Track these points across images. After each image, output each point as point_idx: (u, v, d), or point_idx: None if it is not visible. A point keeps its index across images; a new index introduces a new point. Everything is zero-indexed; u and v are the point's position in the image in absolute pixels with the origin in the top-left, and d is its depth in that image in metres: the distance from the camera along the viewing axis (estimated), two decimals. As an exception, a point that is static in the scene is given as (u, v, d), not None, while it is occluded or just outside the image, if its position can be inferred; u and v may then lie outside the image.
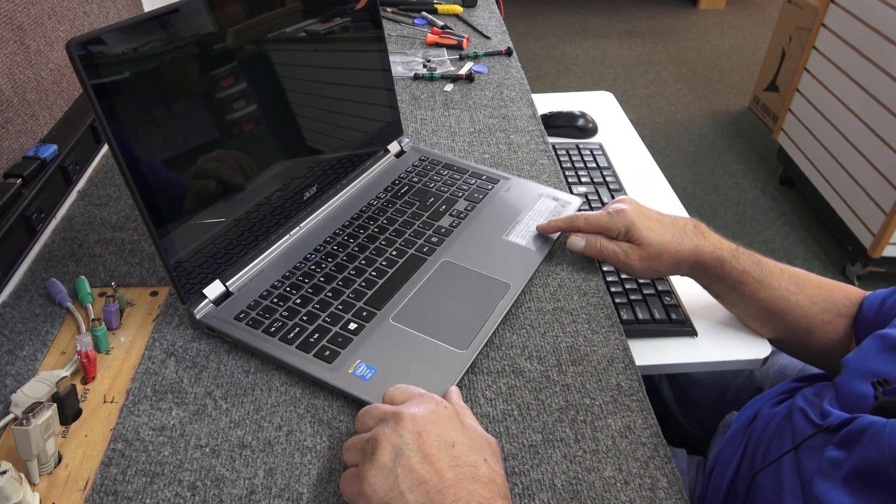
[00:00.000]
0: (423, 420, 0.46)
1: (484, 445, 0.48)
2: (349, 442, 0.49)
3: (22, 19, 0.68)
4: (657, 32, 3.53)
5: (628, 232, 0.68)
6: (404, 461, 0.44)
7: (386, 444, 0.45)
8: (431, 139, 0.92)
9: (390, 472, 0.44)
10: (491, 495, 0.44)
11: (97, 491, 0.49)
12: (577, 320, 0.64)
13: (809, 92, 2.12)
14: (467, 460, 0.45)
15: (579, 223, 0.71)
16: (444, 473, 0.44)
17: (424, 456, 0.44)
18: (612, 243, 0.69)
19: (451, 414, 0.48)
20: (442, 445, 0.45)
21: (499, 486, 0.45)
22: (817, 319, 0.71)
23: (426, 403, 0.48)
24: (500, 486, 0.45)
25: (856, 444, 0.51)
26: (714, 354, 0.77)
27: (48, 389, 0.53)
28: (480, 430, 0.49)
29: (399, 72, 1.09)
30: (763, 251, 0.72)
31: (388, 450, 0.45)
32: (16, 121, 0.68)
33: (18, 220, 0.66)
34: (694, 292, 0.85)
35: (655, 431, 0.54)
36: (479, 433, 0.49)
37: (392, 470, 0.44)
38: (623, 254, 0.68)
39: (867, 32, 1.82)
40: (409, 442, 0.45)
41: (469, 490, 0.43)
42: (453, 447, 0.45)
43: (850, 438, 0.53)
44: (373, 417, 0.49)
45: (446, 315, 0.61)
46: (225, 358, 0.59)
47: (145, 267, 0.69)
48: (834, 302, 0.71)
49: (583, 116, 1.16)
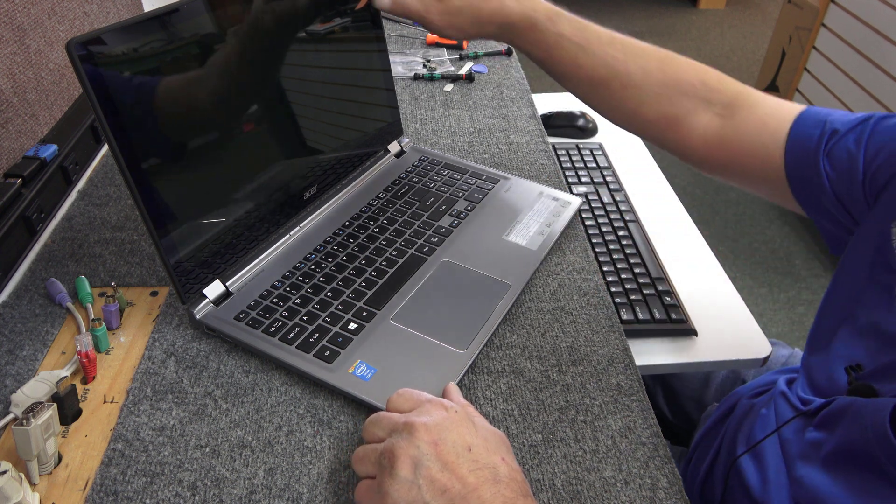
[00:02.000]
0: (437, 428, 0.46)
1: (499, 444, 0.47)
2: (360, 453, 0.48)
3: (22, 19, 0.68)
4: (657, 32, 3.53)
5: None
6: (425, 472, 0.43)
7: (404, 457, 0.44)
8: (431, 139, 0.92)
9: (412, 484, 0.43)
10: (514, 495, 0.43)
11: (97, 491, 0.49)
12: (577, 320, 0.64)
13: (809, 92, 2.12)
14: (486, 462, 0.45)
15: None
16: (466, 479, 0.43)
17: (444, 464, 0.44)
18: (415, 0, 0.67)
19: (462, 418, 0.48)
20: (459, 451, 0.45)
21: (519, 483, 0.45)
22: (650, 92, 0.65)
23: (436, 410, 0.48)
24: (520, 484, 0.45)
25: (836, 424, 0.51)
26: (714, 354, 0.77)
27: (48, 389, 0.53)
28: (490, 426, 0.49)
29: (399, 72, 1.09)
30: (763, 250, 0.72)
31: (406, 462, 0.44)
32: (16, 121, 0.68)
33: (18, 220, 0.66)
34: (694, 292, 0.85)
35: (655, 431, 0.54)
36: (491, 431, 0.48)
37: (414, 482, 0.43)
38: (424, 8, 0.66)
39: (867, 32, 1.82)
40: (426, 452, 0.44)
41: (493, 492, 0.43)
42: (470, 451, 0.45)
43: (830, 419, 0.53)
44: (383, 428, 0.48)
45: (446, 315, 0.61)
46: (225, 358, 0.59)
47: (145, 267, 0.69)
48: (677, 79, 0.65)
49: (583, 116, 1.16)
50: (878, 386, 0.50)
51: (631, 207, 0.96)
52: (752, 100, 0.64)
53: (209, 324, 0.60)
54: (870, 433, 0.47)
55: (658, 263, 0.86)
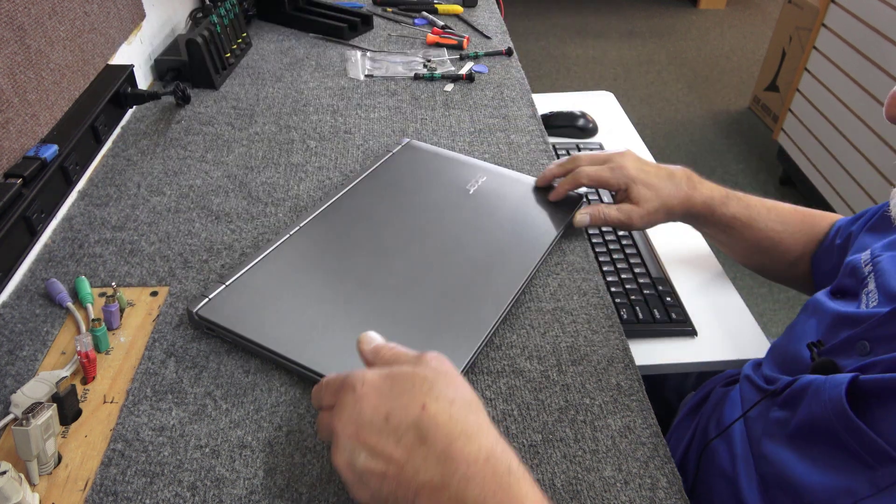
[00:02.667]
0: (351, 417, 0.42)
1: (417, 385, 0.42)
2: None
3: (22, 19, 0.68)
4: (657, 32, 3.53)
5: (627, 189, 0.74)
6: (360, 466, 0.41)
7: (341, 465, 0.42)
8: (432, 139, 0.92)
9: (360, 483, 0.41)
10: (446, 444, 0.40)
11: (97, 491, 0.49)
12: (577, 320, 0.64)
13: (810, 92, 2.12)
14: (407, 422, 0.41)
15: (582, 180, 0.75)
16: (393, 455, 0.40)
17: (370, 451, 0.41)
18: (613, 210, 0.74)
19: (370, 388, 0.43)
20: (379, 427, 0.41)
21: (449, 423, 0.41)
22: (800, 251, 0.77)
23: (346, 397, 0.43)
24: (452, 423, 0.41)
25: (798, 402, 0.54)
26: (714, 354, 0.77)
27: (48, 390, 0.53)
28: (407, 370, 0.44)
29: (399, 72, 1.09)
30: (763, 251, 0.74)
31: (344, 468, 0.42)
32: (16, 121, 0.67)
33: (19, 220, 0.66)
34: (694, 292, 0.85)
35: (655, 431, 0.54)
36: (406, 377, 0.43)
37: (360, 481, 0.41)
38: (626, 217, 0.73)
39: (867, 32, 1.82)
40: (351, 448, 0.42)
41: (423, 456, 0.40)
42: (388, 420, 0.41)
43: (792, 398, 0.55)
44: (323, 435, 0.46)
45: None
46: (225, 358, 0.59)
47: (145, 267, 0.69)
48: (816, 234, 0.77)
49: (583, 116, 1.16)
50: (840, 360, 0.54)
51: (631, 207, 0.96)
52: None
53: (208, 318, 0.59)
54: (828, 408, 0.49)
55: (658, 263, 0.86)
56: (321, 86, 1.04)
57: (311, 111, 0.97)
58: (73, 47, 0.79)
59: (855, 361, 0.53)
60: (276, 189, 0.81)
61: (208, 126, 0.93)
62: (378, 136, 0.92)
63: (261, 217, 0.76)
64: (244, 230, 0.74)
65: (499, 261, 0.68)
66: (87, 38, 0.82)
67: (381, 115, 0.97)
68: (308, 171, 0.84)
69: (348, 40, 1.20)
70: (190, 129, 0.92)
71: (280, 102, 0.99)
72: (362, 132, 0.93)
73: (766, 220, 0.76)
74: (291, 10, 1.24)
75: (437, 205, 0.76)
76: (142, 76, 1.00)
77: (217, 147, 0.88)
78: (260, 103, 0.99)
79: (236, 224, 0.75)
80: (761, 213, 0.76)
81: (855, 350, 0.54)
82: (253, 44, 1.17)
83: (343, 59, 1.13)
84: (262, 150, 0.88)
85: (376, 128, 0.94)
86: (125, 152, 0.87)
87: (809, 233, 0.77)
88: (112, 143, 0.89)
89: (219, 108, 0.97)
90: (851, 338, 0.54)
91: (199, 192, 0.80)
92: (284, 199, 0.79)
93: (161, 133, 0.91)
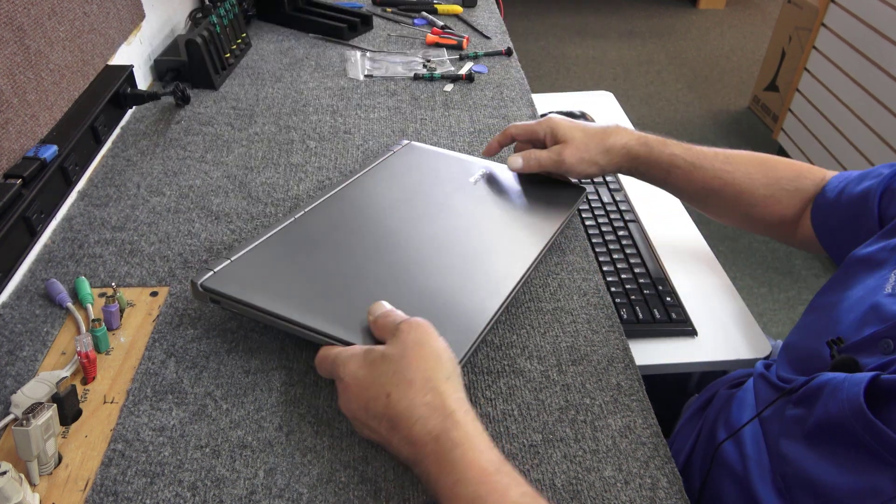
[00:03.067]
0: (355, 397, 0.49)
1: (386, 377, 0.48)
2: None
3: (22, 19, 0.68)
4: (657, 32, 3.53)
5: (553, 132, 0.75)
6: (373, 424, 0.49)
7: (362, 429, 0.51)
8: (431, 139, 0.92)
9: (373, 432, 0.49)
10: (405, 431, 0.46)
11: (97, 491, 0.49)
12: (577, 320, 0.64)
13: (809, 92, 2.13)
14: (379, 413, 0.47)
15: (511, 131, 0.78)
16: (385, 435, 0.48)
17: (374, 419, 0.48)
18: (544, 151, 0.75)
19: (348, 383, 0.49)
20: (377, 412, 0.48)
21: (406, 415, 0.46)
22: (758, 194, 0.74)
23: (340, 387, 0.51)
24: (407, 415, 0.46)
25: (815, 400, 0.53)
26: (714, 354, 0.77)
27: (48, 390, 0.53)
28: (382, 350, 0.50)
29: (399, 72, 1.09)
30: (763, 250, 0.73)
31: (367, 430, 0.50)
32: (16, 121, 0.67)
33: (18, 220, 0.66)
34: (694, 292, 0.85)
35: (655, 431, 0.54)
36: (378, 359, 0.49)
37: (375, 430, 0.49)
38: (557, 156, 0.73)
39: (867, 32, 1.82)
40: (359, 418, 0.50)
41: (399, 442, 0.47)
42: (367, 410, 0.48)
43: (809, 396, 0.54)
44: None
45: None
46: (225, 358, 0.59)
47: (145, 267, 0.69)
48: (777, 178, 0.74)
49: (583, 116, 1.16)
50: (861, 358, 0.53)
51: (631, 207, 0.96)
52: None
53: (214, 288, 0.58)
54: (846, 407, 0.49)
55: (658, 263, 0.87)
56: (321, 86, 1.04)
57: (310, 111, 0.97)
58: (73, 48, 0.79)
59: (877, 359, 0.52)
60: (276, 189, 0.81)
61: (208, 126, 0.93)
62: (378, 136, 0.92)
63: (261, 217, 0.76)
64: (244, 230, 0.74)
65: (502, 249, 0.67)
66: (86, 38, 0.82)
67: (380, 116, 0.97)
68: (308, 171, 0.84)
69: (348, 40, 1.20)
70: (189, 130, 0.92)
71: (280, 103, 0.99)
72: (362, 132, 0.93)
73: (713, 161, 0.75)
74: (291, 11, 1.24)
75: (440, 193, 0.75)
76: (141, 76, 1.00)
77: (217, 147, 0.88)
78: (259, 103, 0.99)
79: (236, 224, 0.75)
80: (707, 155, 0.75)
81: (878, 348, 0.52)
82: (252, 44, 1.17)
83: (343, 59, 1.13)
84: (262, 151, 0.88)
85: (376, 128, 0.94)
86: (125, 153, 0.87)
87: (769, 175, 0.74)
88: (112, 143, 0.89)
89: (218, 108, 0.97)
90: (875, 335, 0.53)
91: (198, 192, 0.80)
92: (284, 199, 0.79)
93: (161, 133, 0.91)
